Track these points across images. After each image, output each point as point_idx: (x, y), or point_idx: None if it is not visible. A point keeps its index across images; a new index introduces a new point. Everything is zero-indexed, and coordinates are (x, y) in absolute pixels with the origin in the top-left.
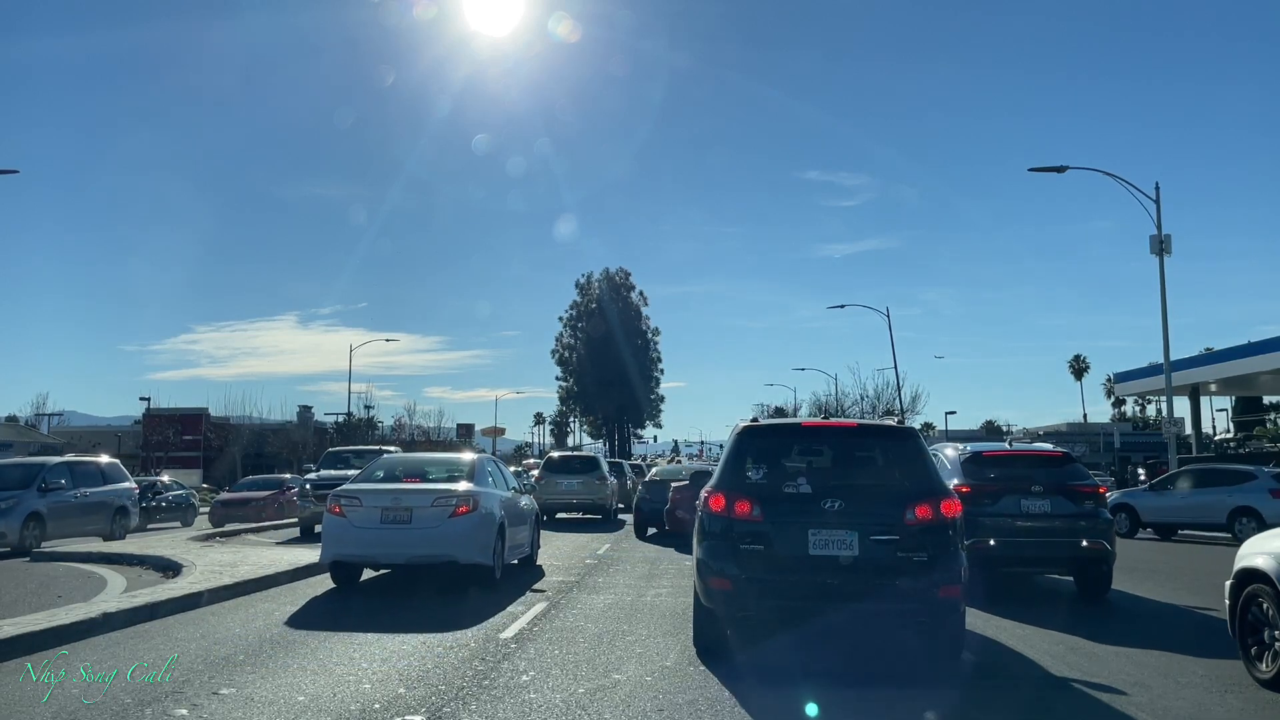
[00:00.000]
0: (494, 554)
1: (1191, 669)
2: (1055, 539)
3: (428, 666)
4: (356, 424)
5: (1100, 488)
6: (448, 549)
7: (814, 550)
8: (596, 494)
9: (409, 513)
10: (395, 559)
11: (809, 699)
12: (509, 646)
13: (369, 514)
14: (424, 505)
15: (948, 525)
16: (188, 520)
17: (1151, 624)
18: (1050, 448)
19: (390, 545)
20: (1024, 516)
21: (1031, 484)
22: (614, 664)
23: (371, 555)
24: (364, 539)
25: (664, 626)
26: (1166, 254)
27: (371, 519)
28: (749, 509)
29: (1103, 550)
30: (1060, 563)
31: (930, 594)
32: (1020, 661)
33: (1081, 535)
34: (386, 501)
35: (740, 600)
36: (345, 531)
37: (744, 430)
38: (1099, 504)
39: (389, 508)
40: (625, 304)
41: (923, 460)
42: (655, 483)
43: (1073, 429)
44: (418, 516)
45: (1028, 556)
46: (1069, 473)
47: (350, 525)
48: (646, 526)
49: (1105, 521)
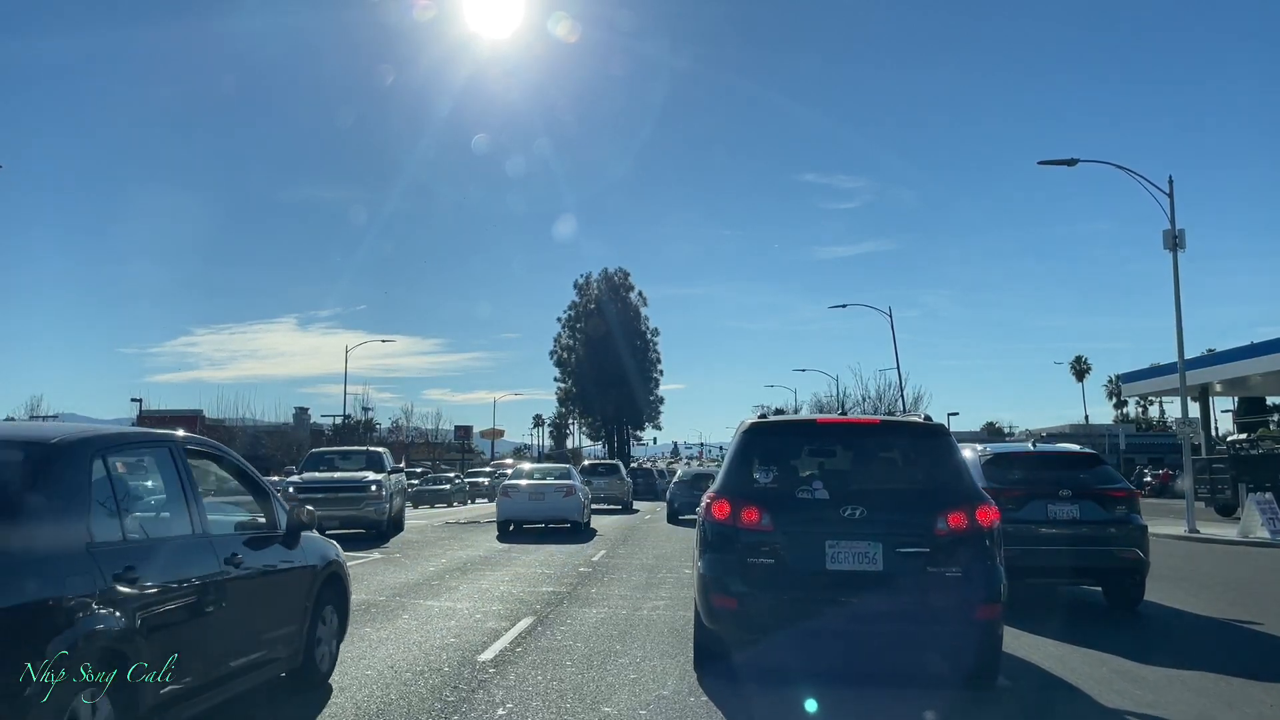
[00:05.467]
0: (584, 514)
1: (1258, 697)
2: (1085, 548)
3: (390, 698)
4: (354, 426)
5: (1136, 492)
6: (564, 513)
7: (832, 564)
8: (619, 490)
9: (543, 494)
10: (536, 519)
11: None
12: (486, 671)
13: (521, 495)
14: (550, 490)
15: (984, 535)
16: None
17: (1198, 642)
18: (1077, 448)
19: (534, 511)
20: (1050, 523)
21: (1059, 488)
22: (604, 693)
23: (524, 516)
24: (520, 508)
25: (661, 646)
26: (1180, 249)
27: (523, 497)
28: (757, 517)
29: (1136, 560)
30: (1090, 573)
31: (965, 614)
32: (1063, 690)
33: (1113, 544)
34: (531, 489)
35: (747, 621)
36: (510, 505)
37: (751, 428)
38: (1131, 509)
39: (533, 492)
40: (624, 304)
41: (954, 461)
42: (683, 482)
43: (1076, 430)
44: (548, 496)
45: (1055, 566)
46: (1099, 475)
47: (513, 502)
48: (677, 515)
49: (1139, 529)
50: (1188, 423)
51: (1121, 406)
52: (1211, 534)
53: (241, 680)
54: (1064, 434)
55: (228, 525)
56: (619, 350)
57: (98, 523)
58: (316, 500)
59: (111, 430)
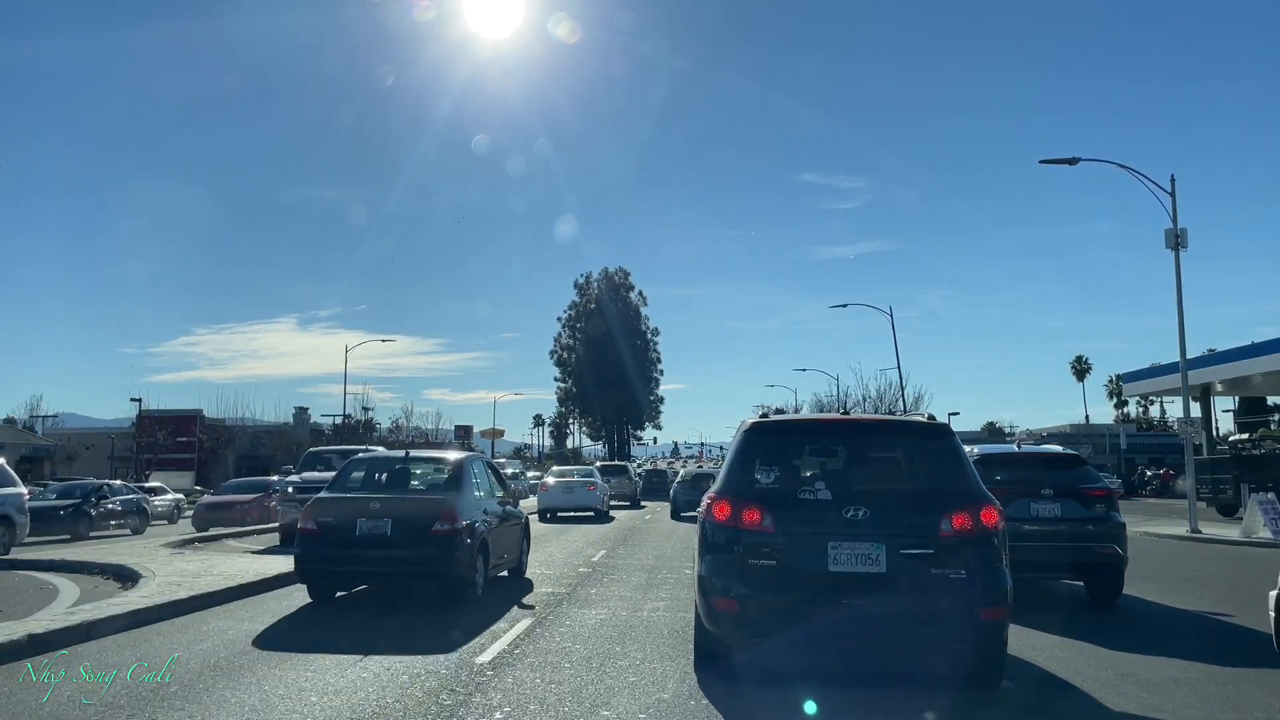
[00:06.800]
0: (604, 504)
1: (1266, 702)
2: (1065, 544)
3: (387, 700)
4: (354, 425)
5: (1113, 491)
6: (589, 503)
7: (834, 566)
8: (628, 488)
9: (573, 489)
10: (569, 508)
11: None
12: (485, 674)
13: (556, 489)
14: (579, 485)
15: (990, 536)
16: (139, 528)
17: (1194, 641)
18: (1060, 450)
19: (567, 501)
20: (1033, 521)
21: (1041, 487)
22: (602, 696)
23: (559, 505)
24: (556, 499)
25: (661, 648)
26: (1183, 248)
27: (558, 491)
28: (759, 518)
29: (1114, 556)
30: (1071, 568)
31: (970, 617)
32: (1068, 693)
33: (1092, 540)
34: (564, 485)
35: (748, 623)
36: (548, 496)
37: (752, 427)
38: (1110, 508)
39: (565, 488)
40: (624, 304)
41: (959, 461)
42: (685, 482)
43: (1076, 430)
44: (576, 489)
45: (1037, 562)
46: (1079, 475)
47: (550, 494)
48: (679, 512)
49: (1117, 526)
50: (1189, 422)
51: (1122, 406)
52: (1214, 534)
53: (504, 565)
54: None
55: (497, 497)
56: (619, 350)
57: (476, 492)
58: None
59: (474, 453)
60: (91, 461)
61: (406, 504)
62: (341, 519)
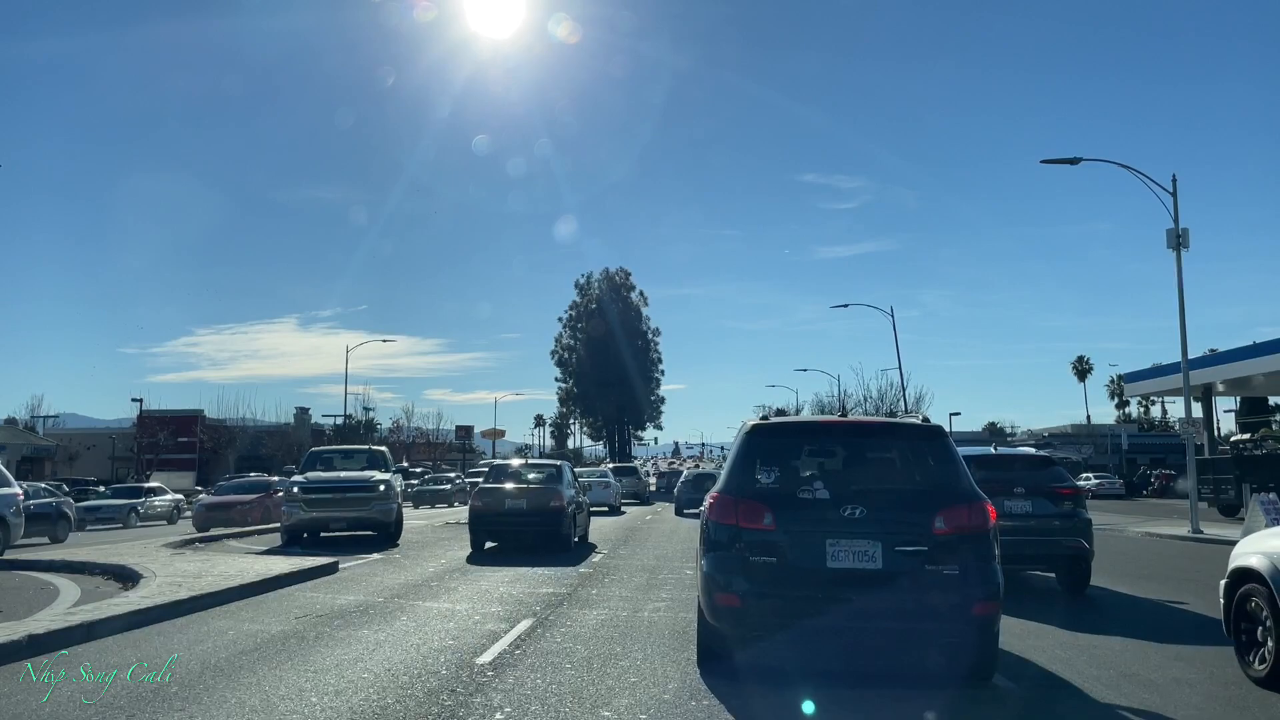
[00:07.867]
0: (617, 500)
1: (1268, 701)
2: (1036, 538)
3: (387, 701)
4: (355, 426)
5: (1081, 489)
6: (604, 500)
7: (832, 563)
8: (638, 487)
9: (589, 487)
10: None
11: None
12: (485, 675)
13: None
14: (595, 485)
15: (982, 534)
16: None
17: (1185, 634)
18: (1033, 451)
19: (595, 496)
20: (1007, 517)
21: (1014, 486)
22: (604, 696)
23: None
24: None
25: (663, 647)
26: (1184, 248)
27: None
28: (759, 517)
29: (1081, 549)
30: (1042, 561)
31: (963, 612)
32: (1069, 694)
33: (1060, 535)
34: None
35: (749, 619)
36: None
37: (753, 429)
38: (1078, 505)
39: (593, 484)
40: (625, 304)
41: (953, 462)
42: (687, 481)
43: (1078, 430)
44: (593, 489)
45: (1010, 555)
46: (1050, 475)
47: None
48: (683, 510)
49: (1084, 521)
50: (1191, 422)
51: (1124, 406)
52: (1215, 535)
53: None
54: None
55: (575, 489)
56: (620, 350)
57: (569, 486)
58: (322, 501)
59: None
60: (92, 462)
61: (532, 491)
62: (495, 500)
